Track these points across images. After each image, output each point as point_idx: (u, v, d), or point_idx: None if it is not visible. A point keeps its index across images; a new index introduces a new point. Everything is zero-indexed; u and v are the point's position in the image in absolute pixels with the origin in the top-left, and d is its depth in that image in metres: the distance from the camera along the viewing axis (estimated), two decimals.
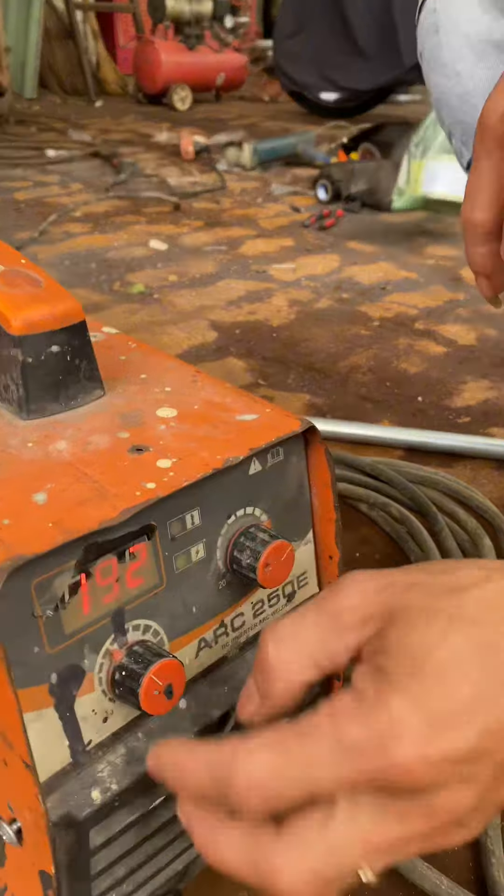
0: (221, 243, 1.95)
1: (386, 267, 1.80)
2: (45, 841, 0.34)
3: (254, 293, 1.61)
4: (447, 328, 1.45)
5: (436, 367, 1.29)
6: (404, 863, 0.51)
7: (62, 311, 0.41)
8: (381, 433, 1.03)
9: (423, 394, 1.19)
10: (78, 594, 0.35)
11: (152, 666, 0.36)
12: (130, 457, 0.38)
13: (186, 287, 1.64)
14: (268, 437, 0.41)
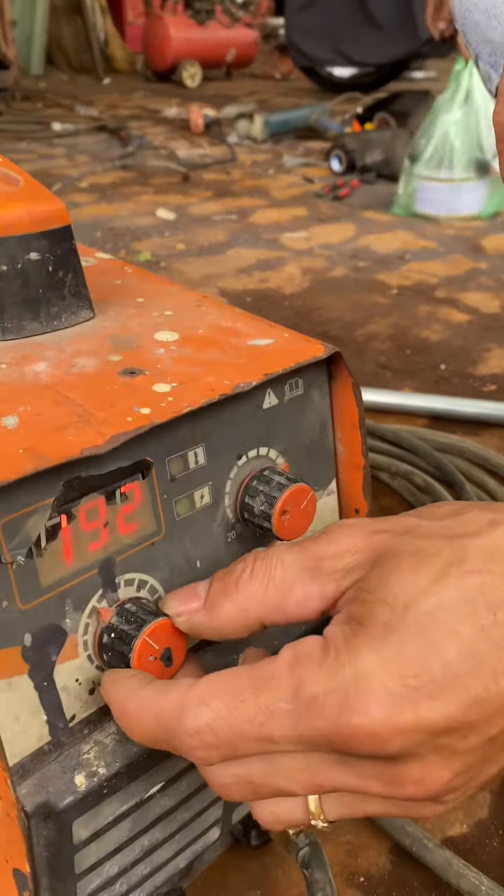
0: (231, 213, 1.88)
1: (404, 236, 1.73)
2: (18, 834, 0.28)
3: (265, 261, 1.54)
4: (469, 296, 1.38)
5: (458, 334, 1.22)
6: (438, 860, 0.45)
7: (43, 211, 0.35)
8: (402, 400, 0.97)
9: (445, 361, 1.12)
10: (57, 539, 0.29)
11: (146, 626, 0.29)
12: (122, 380, 0.32)
13: (194, 255, 1.57)
14: (285, 362, 0.34)
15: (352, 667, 0.24)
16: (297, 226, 1.79)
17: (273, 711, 0.25)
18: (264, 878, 0.47)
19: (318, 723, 0.24)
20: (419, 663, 0.23)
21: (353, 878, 0.47)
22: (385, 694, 0.23)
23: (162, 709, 0.27)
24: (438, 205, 1.84)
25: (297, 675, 0.25)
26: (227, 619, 0.29)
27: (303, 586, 0.28)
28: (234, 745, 0.26)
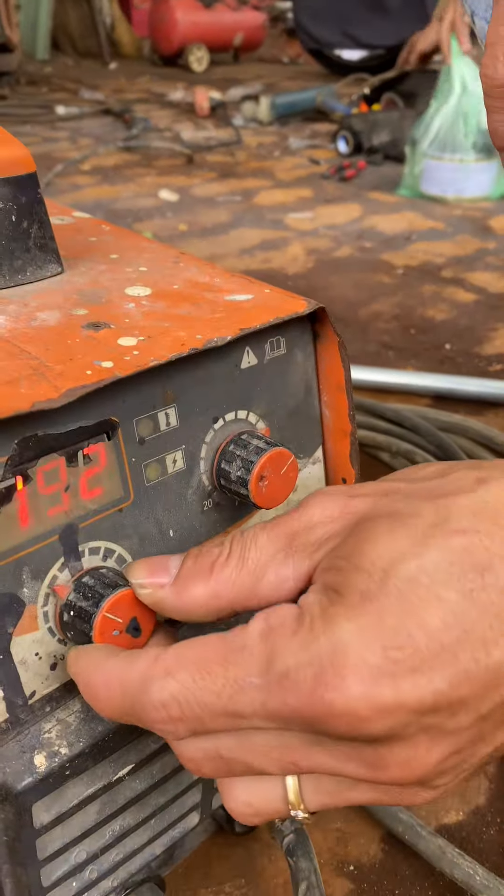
0: (236, 194, 1.85)
1: (411, 217, 1.69)
2: None
3: (269, 242, 1.51)
4: (477, 276, 1.35)
5: (465, 314, 1.19)
6: (431, 849, 0.43)
7: (6, 157, 0.32)
8: (405, 379, 0.94)
9: (451, 341, 1.10)
10: (12, 502, 0.27)
11: (105, 601, 0.27)
12: (85, 333, 0.30)
13: (197, 236, 1.54)
14: (264, 318, 0.32)
15: (327, 638, 0.22)
16: (302, 207, 1.75)
17: (242, 686, 0.23)
18: (250, 865, 0.45)
19: (290, 699, 0.22)
20: (401, 634, 0.21)
21: (343, 867, 0.45)
22: (364, 667, 0.21)
23: (128, 680, 0.25)
24: (446, 185, 1.81)
25: (269, 647, 0.23)
26: (196, 601, 0.27)
27: (276, 569, 0.26)
28: (201, 720, 0.24)
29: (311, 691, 0.21)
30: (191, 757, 0.25)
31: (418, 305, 1.22)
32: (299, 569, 0.26)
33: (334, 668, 0.21)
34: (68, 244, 0.38)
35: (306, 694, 0.22)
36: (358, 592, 0.22)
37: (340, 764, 0.23)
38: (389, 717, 0.21)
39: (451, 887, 0.44)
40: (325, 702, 0.21)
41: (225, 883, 0.44)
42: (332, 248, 1.48)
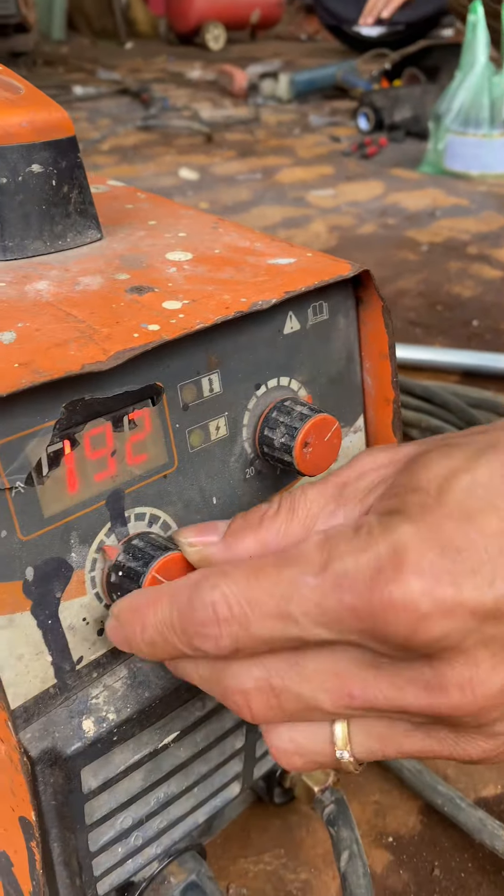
0: (256, 172, 1.83)
1: (434, 193, 1.67)
2: (22, 781, 0.27)
3: (291, 219, 1.50)
4: (503, 252, 1.33)
5: (491, 290, 1.17)
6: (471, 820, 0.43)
7: (45, 120, 0.32)
8: (434, 356, 0.93)
9: (478, 317, 1.08)
10: (60, 466, 0.27)
11: (155, 561, 0.27)
12: (129, 297, 0.29)
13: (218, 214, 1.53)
14: (308, 281, 0.32)
15: (386, 540, 0.21)
16: (323, 184, 1.74)
17: (297, 584, 0.22)
18: (288, 836, 0.45)
19: (346, 596, 0.21)
20: (460, 536, 0.21)
21: (382, 839, 0.45)
22: (425, 564, 0.20)
23: (178, 586, 0.25)
24: (470, 161, 1.78)
25: (327, 552, 0.22)
26: (244, 552, 0.26)
27: (326, 518, 0.26)
28: (248, 622, 0.23)
29: (369, 587, 0.21)
30: (240, 687, 0.24)
31: (444, 282, 1.21)
32: (350, 516, 0.25)
33: (394, 565, 0.21)
34: (105, 211, 0.38)
35: (364, 589, 0.21)
36: (416, 505, 0.22)
37: (398, 690, 0.22)
38: (450, 617, 0.20)
39: (490, 859, 0.44)
40: (384, 595, 0.21)
41: (264, 853, 0.44)
42: (355, 226, 1.47)
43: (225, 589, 0.23)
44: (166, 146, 2.09)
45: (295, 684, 0.23)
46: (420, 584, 0.20)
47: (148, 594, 0.26)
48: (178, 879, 0.37)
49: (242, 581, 0.23)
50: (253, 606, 0.22)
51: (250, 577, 0.23)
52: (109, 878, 0.34)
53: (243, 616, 0.23)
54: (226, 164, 1.91)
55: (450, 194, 1.67)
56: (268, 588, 0.22)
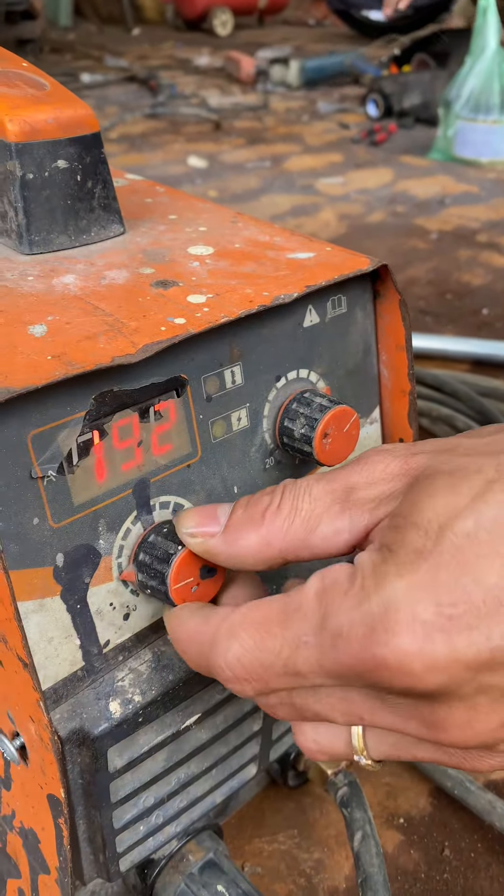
0: (265, 159, 1.83)
1: (444, 180, 1.66)
2: (52, 759, 0.28)
3: (300, 207, 1.50)
4: None
5: (502, 279, 1.17)
6: (481, 803, 0.44)
7: (71, 116, 0.32)
8: (443, 345, 0.93)
9: (488, 306, 1.08)
10: (90, 456, 0.27)
11: (183, 550, 0.28)
12: (154, 291, 0.30)
13: (227, 202, 1.53)
14: (328, 275, 0.32)
15: (378, 596, 0.21)
16: (332, 171, 1.73)
17: (298, 645, 0.23)
18: (302, 818, 0.46)
19: (342, 656, 0.22)
20: (456, 590, 0.21)
21: (393, 820, 0.46)
22: (415, 624, 0.21)
23: (202, 639, 0.26)
24: (480, 148, 1.77)
25: (324, 607, 0.23)
26: (248, 550, 0.27)
27: (331, 520, 0.25)
28: (264, 679, 0.25)
29: (361, 648, 0.21)
30: (265, 703, 0.26)
31: (454, 270, 1.21)
32: (357, 524, 0.25)
33: (384, 624, 0.21)
34: (126, 205, 0.39)
35: (357, 651, 0.22)
36: (412, 550, 0.22)
37: (402, 722, 0.23)
38: (443, 673, 0.21)
39: (500, 840, 0.45)
40: (376, 658, 0.21)
41: (278, 833, 0.45)
42: (364, 214, 1.47)
43: (237, 652, 0.25)
44: (174, 134, 2.09)
45: (311, 704, 0.25)
46: (411, 646, 0.21)
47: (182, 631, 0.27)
48: (196, 857, 0.38)
49: (251, 644, 0.24)
50: (266, 668, 0.24)
51: (258, 640, 0.24)
52: (131, 855, 0.35)
53: (258, 676, 0.24)
54: (234, 152, 1.90)
55: (459, 181, 1.66)
56: (275, 650, 0.24)
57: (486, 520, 0.21)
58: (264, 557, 0.26)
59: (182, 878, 0.37)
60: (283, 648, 0.24)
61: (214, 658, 0.25)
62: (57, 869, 0.31)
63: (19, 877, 0.35)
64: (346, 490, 0.26)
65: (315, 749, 0.27)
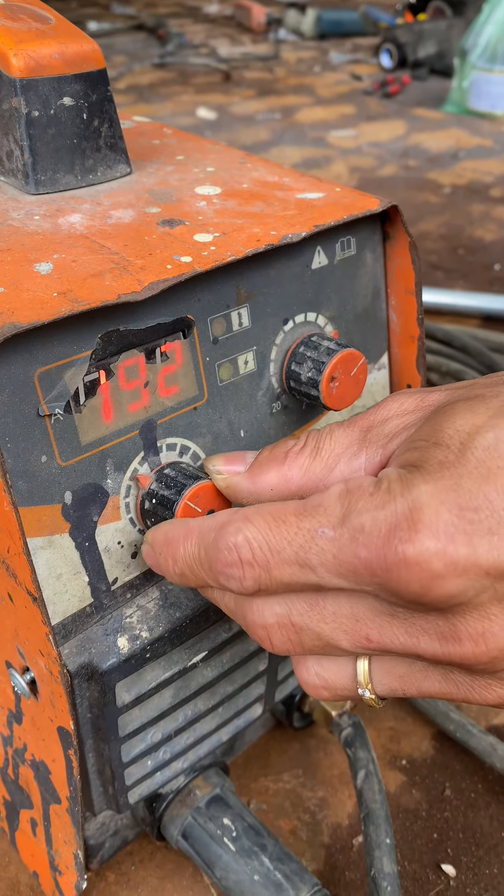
0: (275, 111, 1.79)
1: (457, 134, 1.63)
2: (62, 692, 0.28)
3: (311, 160, 1.47)
4: None
5: None
6: (482, 745, 0.45)
7: (76, 52, 0.32)
8: (454, 300, 0.92)
9: (500, 261, 1.07)
10: (96, 396, 0.27)
11: (187, 490, 0.28)
12: (161, 230, 0.30)
13: None
14: (337, 215, 0.32)
15: (404, 498, 0.22)
16: (344, 124, 1.70)
17: (315, 535, 0.23)
18: (306, 758, 0.47)
19: (362, 551, 0.22)
20: (479, 497, 0.21)
21: (396, 762, 0.47)
22: (440, 524, 0.21)
23: (206, 527, 0.26)
24: (496, 100, 1.73)
25: (347, 504, 0.23)
26: (266, 484, 0.27)
27: (349, 460, 0.26)
28: (268, 567, 0.24)
29: (384, 543, 0.21)
30: (262, 622, 0.26)
31: (466, 225, 1.19)
32: (372, 460, 0.26)
33: (409, 523, 0.21)
34: (133, 146, 0.38)
35: (379, 545, 0.22)
36: (436, 462, 0.22)
37: (413, 638, 0.23)
38: (463, 576, 0.21)
39: (499, 781, 0.46)
40: (397, 553, 0.21)
41: (283, 773, 0.46)
42: (376, 167, 1.44)
43: (248, 533, 0.24)
44: (183, 85, 2.04)
45: (314, 623, 0.24)
46: (434, 544, 0.21)
47: (179, 528, 0.27)
48: (203, 792, 0.39)
49: (264, 527, 0.24)
50: (274, 553, 0.23)
51: (272, 524, 0.24)
52: (139, 789, 0.36)
53: (264, 560, 0.24)
54: (244, 104, 1.87)
55: (474, 135, 1.63)
56: (288, 536, 0.23)
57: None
58: (283, 492, 0.27)
59: (189, 812, 0.38)
60: (297, 536, 0.23)
61: (220, 540, 0.25)
62: (67, 798, 0.32)
63: (32, 807, 0.37)
64: (363, 430, 0.27)
65: (318, 684, 0.27)
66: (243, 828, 0.38)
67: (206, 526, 0.26)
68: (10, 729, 0.35)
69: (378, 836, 0.38)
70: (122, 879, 0.41)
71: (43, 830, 0.36)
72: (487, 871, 0.41)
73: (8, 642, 0.30)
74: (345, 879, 0.41)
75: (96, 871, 0.41)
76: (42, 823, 0.36)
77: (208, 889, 0.41)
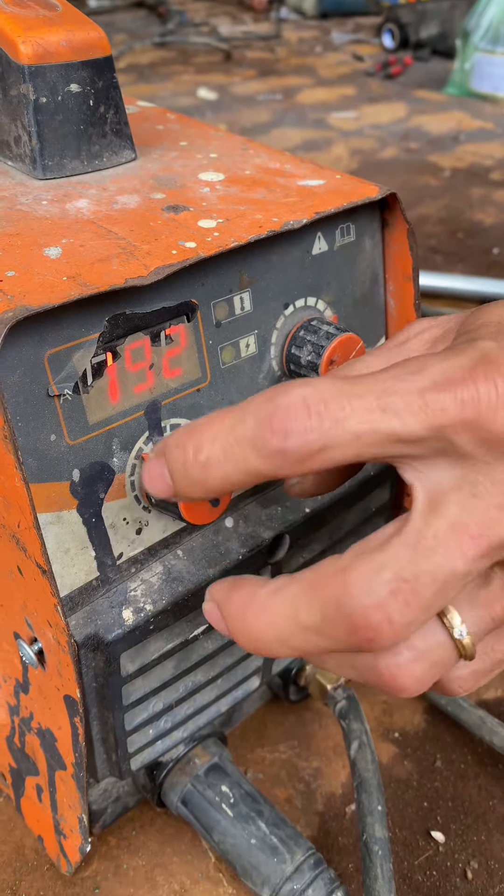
0: (276, 92, 1.78)
1: (459, 116, 1.62)
2: (69, 661, 0.29)
3: (311, 142, 1.47)
4: None
5: None
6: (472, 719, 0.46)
7: (83, 39, 0.32)
8: (452, 283, 0.93)
9: (499, 245, 1.07)
10: (103, 377, 0.28)
11: None
12: (166, 215, 0.31)
13: None
14: (337, 202, 0.33)
15: (474, 349, 0.22)
16: (345, 105, 1.69)
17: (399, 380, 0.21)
18: (302, 730, 0.49)
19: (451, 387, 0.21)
20: None
21: (389, 734, 0.49)
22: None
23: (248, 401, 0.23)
24: (498, 82, 1.72)
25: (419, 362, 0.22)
26: None
27: None
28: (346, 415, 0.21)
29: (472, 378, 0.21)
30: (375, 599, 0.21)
31: (466, 209, 1.19)
32: None
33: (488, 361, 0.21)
34: (137, 132, 0.39)
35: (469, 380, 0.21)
36: (492, 330, 0.23)
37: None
38: None
39: (489, 753, 0.47)
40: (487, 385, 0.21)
41: (279, 744, 0.48)
42: (376, 149, 1.44)
43: (319, 384, 0.21)
44: (184, 64, 2.03)
45: (423, 562, 0.21)
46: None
47: (202, 419, 0.23)
48: (202, 761, 0.40)
49: (337, 381, 0.21)
50: (352, 399, 0.21)
51: (343, 381, 0.22)
52: (141, 756, 0.37)
53: (339, 408, 0.21)
54: (245, 84, 1.86)
55: (475, 117, 1.62)
56: (368, 385, 0.21)
57: None
58: None
59: (188, 780, 0.40)
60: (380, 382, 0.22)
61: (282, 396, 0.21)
62: (73, 764, 0.34)
63: (37, 774, 0.38)
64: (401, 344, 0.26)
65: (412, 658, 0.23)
66: (240, 795, 0.39)
67: (248, 401, 0.22)
68: (16, 699, 0.37)
69: (370, 804, 0.39)
70: (124, 844, 0.43)
71: (48, 796, 0.38)
72: (475, 838, 0.43)
73: (16, 614, 0.32)
74: (338, 845, 0.43)
75: (98, 836, 0.43)
76: (47, 789, 0.38)
77: (206, 853, 0.42)
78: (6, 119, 0.33)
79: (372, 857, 0.38)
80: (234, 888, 0.41)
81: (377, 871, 0.37)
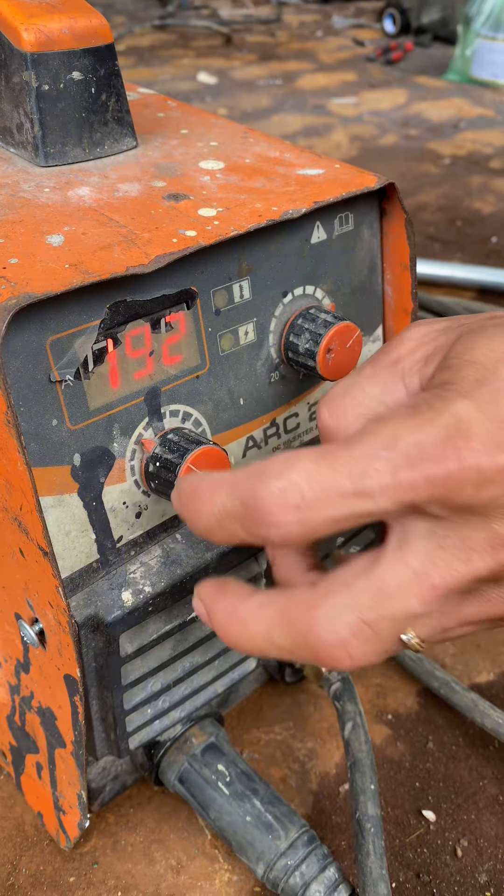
0: (276, 77, 1.77)
1: (459, 103, 1.62)
2: (69, 641, 0.30)
3: (311, 128, 1.46)
4: None
5: None
6: (464, 701, 0.47)
7: (85, 26, 0.33)
8: (450, 272, 0.93)
9: (498, 234, 1.07)
10: (104, 363, 0.29)
11: (190, 453, 0.30)
12: (166, 204, 0.31)
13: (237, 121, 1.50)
14: (336, 191, 0.33)
15: (449, 413, 0.22)
16: (345, 91, 1.68)
17: (371, 459, 0.23)
18: (297, 712, 0.50)
19: (423, 465, 0.22)
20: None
21: (382, 716, 0.49)
22: (486, 434, 0.22)
23: (238, 477, 0.24)
24: (499, 69, 1.71)
25: (392, 429, 0.23)
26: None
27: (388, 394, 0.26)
28: (321, 506, 0.23)
29: (442, 455, 0.22)
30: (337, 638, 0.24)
31: (465, 197, 1.19)
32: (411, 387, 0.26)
33: (461, 436, 0.22)
34: (138, 119, 0.39)
35: (439, 457, 0.22)
36: (472, 380, 0.23)
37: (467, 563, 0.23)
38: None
39: (480, 735, 0.48)
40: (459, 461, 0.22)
41: (275, 725, 0.49)
42: (376, 136, 1.43)
43: (294, 476, 0.23)
44: (184, 48, 2.02)
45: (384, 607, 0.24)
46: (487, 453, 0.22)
47: (206, 481, 0.26)
48: (199, 740, 0.41)
49: (312, 466, 0.23)
50: (327, 487, 0.22)
51: (319, 462, 0.23)
52: (139, 735, 0.38)
53: (316, 500, 0.22)
54: (245, 69, 1.85)
55: (476, 105, 1.62)
56: (342, 469, 0.23)
57: None
58: None
59: (185, 759, 0.41)
60: (353, 464, 0.23)
61: (261, 487, 0.23)
62: (72, 742, 0.35)
63: (37, 752, 0.39)
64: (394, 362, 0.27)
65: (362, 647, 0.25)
66: (236, 773, 0.40)
67: (239, 476, 0.24)
68: (17, 678, 0.37)
69: (363, 783, 0.40)
70: (122, 821, 0.43)
71: (48, 773, 0.39)
72: (465, 817, 0.44)
73: (18, 595, 0.32)
74: (331, 823, 0.44)
75: (97, 813, 0.44)
76: (47, 767, 0.39)
77: (203, 830, 0.43)
78: (8, 106, 0.34)
79: (364, 835, 0.39)
80: (230, 864, 0.41)
81: (369, 848, 0.38)
